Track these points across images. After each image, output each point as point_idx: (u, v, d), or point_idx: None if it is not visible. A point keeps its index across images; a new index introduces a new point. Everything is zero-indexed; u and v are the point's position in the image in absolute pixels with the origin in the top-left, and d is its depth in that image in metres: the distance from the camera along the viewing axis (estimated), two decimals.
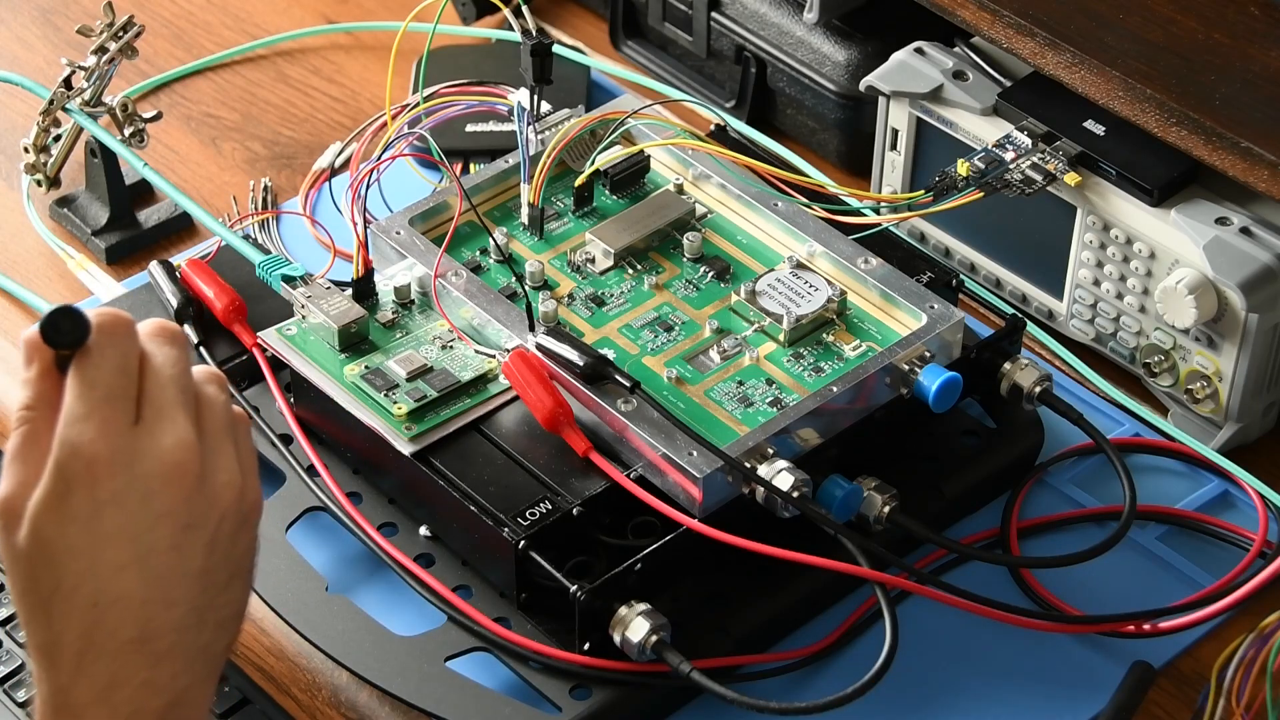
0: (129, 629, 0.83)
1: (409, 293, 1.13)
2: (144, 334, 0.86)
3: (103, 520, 0.83)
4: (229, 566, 0.86)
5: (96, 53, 1.26)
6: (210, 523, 0.85)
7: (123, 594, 0.83)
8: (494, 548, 1.03)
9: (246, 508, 0.87)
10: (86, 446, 0.82)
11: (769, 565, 1.02)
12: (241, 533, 0.87)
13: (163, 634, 0.84)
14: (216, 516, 0.85)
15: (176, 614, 0.84)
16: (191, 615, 0.85)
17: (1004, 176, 1.17)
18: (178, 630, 0.84)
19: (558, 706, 1.01)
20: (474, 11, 1.45)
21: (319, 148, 1.37)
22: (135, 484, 0.83)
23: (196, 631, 0.85)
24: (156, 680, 0.84)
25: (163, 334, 0.87)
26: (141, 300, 1.19)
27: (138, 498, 0.83)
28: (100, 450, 0.83)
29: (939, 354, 1.09)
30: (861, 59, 1.31)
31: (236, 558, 0.87)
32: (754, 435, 1.04)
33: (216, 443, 0.86)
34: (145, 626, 0.84)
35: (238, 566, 0.87)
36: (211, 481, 0.85)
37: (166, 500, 0.83)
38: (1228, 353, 1.14)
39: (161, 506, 0.83)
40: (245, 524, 0.87)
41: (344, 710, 1.04)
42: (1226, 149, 1.11)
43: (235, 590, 0.87)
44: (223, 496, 0.85)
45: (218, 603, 0.86)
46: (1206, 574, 1.10)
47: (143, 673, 0.84)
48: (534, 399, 1.05)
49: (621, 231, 1.15)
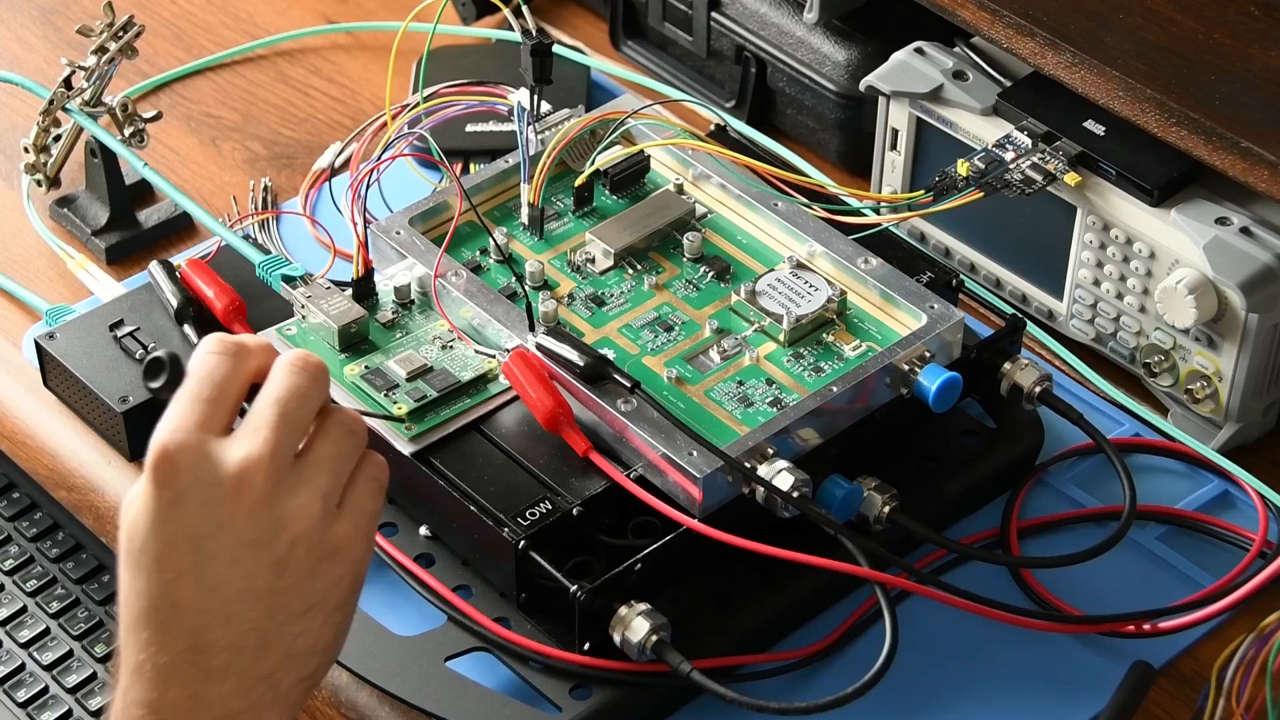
0: (183, 639, 0.83)
1: (409, 293, 1.13)
2: (282, 360, 0.87)
3: (170, 520, 0.83)
4: (305, 596, 0.85)
5: (96, 53, 1.26)
6: (279, 544, 0.84)
7: (179, 600, 0.83)
8: (494, 548, 1.03)
9: (333, 541, 0.86)
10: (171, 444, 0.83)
11: (769, 565, 1.02)
12: (324, 566, 0.86)
13: (217, 650, 0.83)
14: (288, 539, 0.84)
15: (234, 631, 0.83)
16: (252, 636, 0.84)
17: (1004, 176, 1.17)
18: (233, 650, 0.83)
19: (558, 706, 1.01)
20: (474, 11, 1.45)
21: (319, 148, 1.37)
22: (200, 487, 0.83)
23: (256, 655, 0.84)
24: (206, 696, 0.83)
25: (298, 360, 0.87)
26: (141, 300, 1.19)
27: (200, 501, 0.83)
28: (175, 441, 0.83)
29: (939, 354, 1.09)
30: (861, 59, 1.31)
31: (317, 591, 0.86)
32: (754, 435, 1.04)
33: (308, 471, 0.86)
34: (199, 638, 0.83)
35: (319, 600, 0.86)
36: (283, 503, 0.84)
37: (227, 509, 0.83)
38: (1228, 353, 1.14)
39: (222, 515, 0.83)
40: (330, 558, 0.86)
41: (344, 710, 1.04)
42: (1226, 149, 1.11)
43: (313, 622, 0.86)
44: (295, 520, 0.84)
45: (289, 630, 0.85)
46: (1206, 574, 1.10)
47: (193, 686, 0.83)
48: (534, 399, 1.05)
49: (621, 231, 1.15)
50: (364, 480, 0.89)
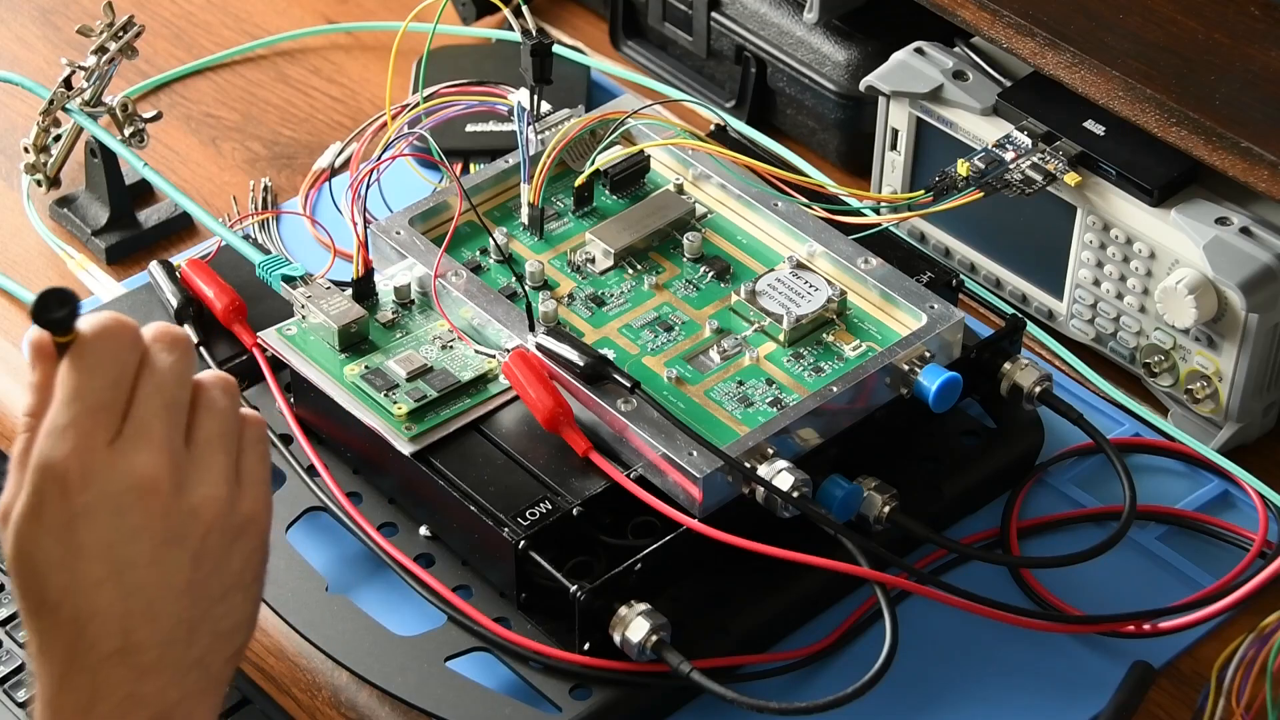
0: (110, 642, 0.82)
1: (409, 293, 1.13)
2: (146, 338, 0.85)
3: (76, 534, 0.82)
4: (223, 579, 0.85)
5: (96, 53, 1.26)
6: (193, 537, 0.84)
7: (101, 608, 0.82)
8: (494, 548, 1.03)
9: (239, 520, 0.85)
10: (59, 461, 0.81)
11: (769, 565, 1.02)
12: (236, 545, 0.85)
13: (146, 648, 0.83)
14: (200, 531, 0.84)
15: (162, 628, 0.83)
16: (180, 629, 0.84)
17: (1004, 176, 1.17)
18: (163, 644, 0.83)
19: (558, 706, 1.01)
20: (474, 11, 1.45)
21: (319, 148, 1.37)
22: (106, 500, 0.82)
23: (186, 645, 0.84)
24: (142, 693, 0.83)
25: (164, 339, 0.85)
26: (141, 300, 1.19)
27: (109, 513, 0.82)
28: (72, 465, 0.81)
29: (939, 354, 1.09)
30: (861, 59, 1.31)
31: (233, 571, 0.85)
32: (754, 435, 1.04)
33: (204, 456, 0.85)
34: (127, 639, 0.83)
35: (236, 579, 0.86)
36: (190, 496, 0.84)
37: (139, 516, 0.82)
38: (1228, 353, 1.14)
39: (135, 522, 0.82)
40: (240, 536, 0.86)
41: (344, 710, 1.04)
42: (1226, 149, 1.11)
43: (234, 602, 0.86)
44: (204, 511, 0.84)
45: (213, 615, 0.85)
46: (1206, 574, 1.10)
47: (126, 686, 0.83)
48: (534, 399, 1.05)
49: (621, 231, 1.15)
50: (251, 447, 0.88)
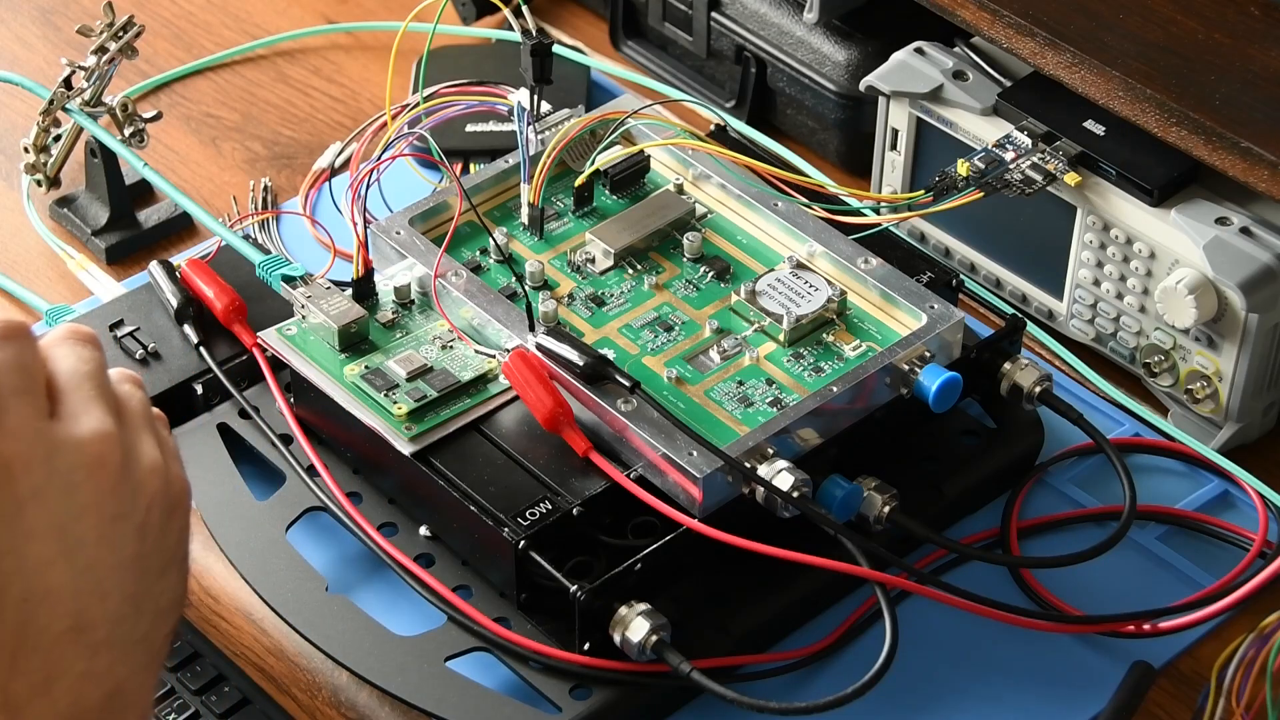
0: (62, 621, 0.83)
1: (409, 293, 1.13)
2: (55, 337, 0.86)
3: (25, 517, 0.82)
4: (163, 554, 0.86)
5: (96, 53, 1.26)
6: (138, 511, 0.84)
7: (53, 588, 0.82)
8: (494, 548, 1.03)
9: (175, 493, 0.86)
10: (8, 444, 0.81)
11: (769, 565, 1.02)
12: (172, 519, 0.86)
13: (98, 625, 0.83)
14: (144, 504, 0.84)
15: (111, 604, 0.83)
16: (127, 605, 0.84)
17: (1004, 176, 1.17)
18: (113, 621, 0.84)
19: (558, 706, 1.01)
20: (474, 11, 1.45)
21: (319, 148, 1.37)
22: (55, 478, 0.82)
23: (134, 621, 0.84)
24: (94, 671, 0.83)
25: (74, 335, 0.86)
26: (141, 300, 1.19)
27: (59, 491, 0.82)
28: (12, 447, 0.81)
29: (939, 354, 1.09)
30: (861, 59, 1.31)
31: (170, 545, 0.86)
32: (754, 435, 1.04)
33: (136, 431, 0.85)
34: (79, 618, 0.83)
35: (172, 554, 0.86)
36: (135, 469, 0.84)
37: (90, 492, 0.82)
38: (1228, 353, 1.15)
39: (86, 499, 0.82)
40: (175, 509, 0.86)
41: (344, 710, 1.04)
42: (1226, 149, 1.11)
43: (171, 577, 0.86)
44: (148, 483, 0.84)
45: (154, 590, 0.85)
46: (1206, 574, 1.10)
47: (80, 664, 0.83)
48: (534, 399, 1.05)
49: (621, 231, 1.15)
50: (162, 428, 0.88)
